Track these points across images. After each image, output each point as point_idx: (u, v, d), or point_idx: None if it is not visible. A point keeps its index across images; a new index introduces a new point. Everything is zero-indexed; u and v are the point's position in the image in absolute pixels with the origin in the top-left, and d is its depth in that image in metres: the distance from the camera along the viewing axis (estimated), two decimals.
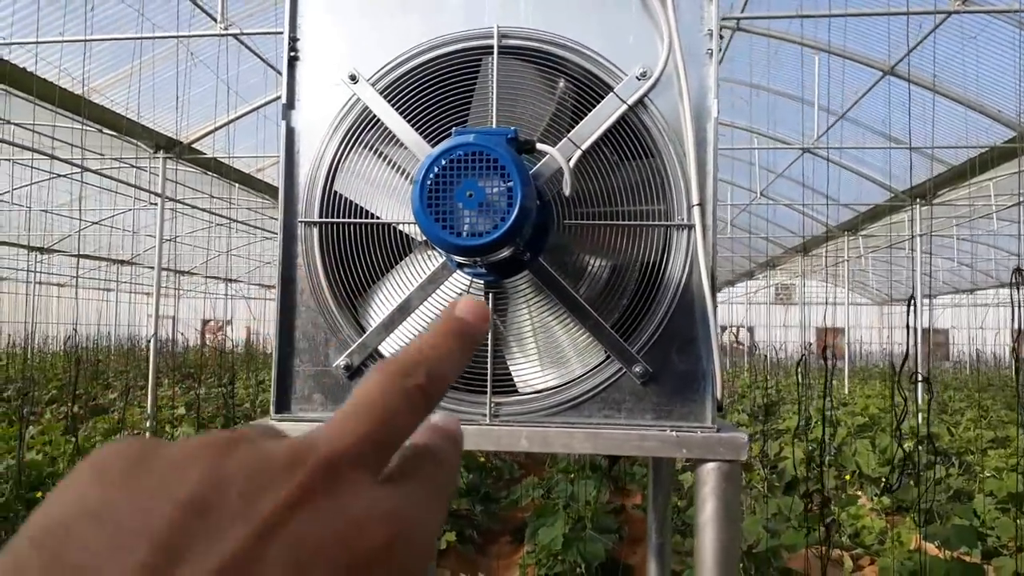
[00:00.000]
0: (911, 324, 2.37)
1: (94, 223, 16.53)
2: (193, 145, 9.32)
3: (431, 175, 1.08)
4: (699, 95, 1.30)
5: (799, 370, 4.44)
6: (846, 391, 14.75)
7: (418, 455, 0.33)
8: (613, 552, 4.85)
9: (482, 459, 7.18)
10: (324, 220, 1.35)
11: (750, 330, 30.82)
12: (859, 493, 6.90)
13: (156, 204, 9.00)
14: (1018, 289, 2.37)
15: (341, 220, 1.35)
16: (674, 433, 1.24)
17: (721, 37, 1.34)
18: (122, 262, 19.76)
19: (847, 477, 7.05)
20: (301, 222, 1.36)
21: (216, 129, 9.03)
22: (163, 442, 0.29)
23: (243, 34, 6.51)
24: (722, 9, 8.92)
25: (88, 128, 8.32)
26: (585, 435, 1.27)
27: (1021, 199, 10.37)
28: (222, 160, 9.93)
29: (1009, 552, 5.00)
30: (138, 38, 6.55)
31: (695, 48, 1.30)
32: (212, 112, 8.35)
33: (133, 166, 9.75)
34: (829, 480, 6.75)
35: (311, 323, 1.35)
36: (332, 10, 1.39)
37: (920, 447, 6.47)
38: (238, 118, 9.13)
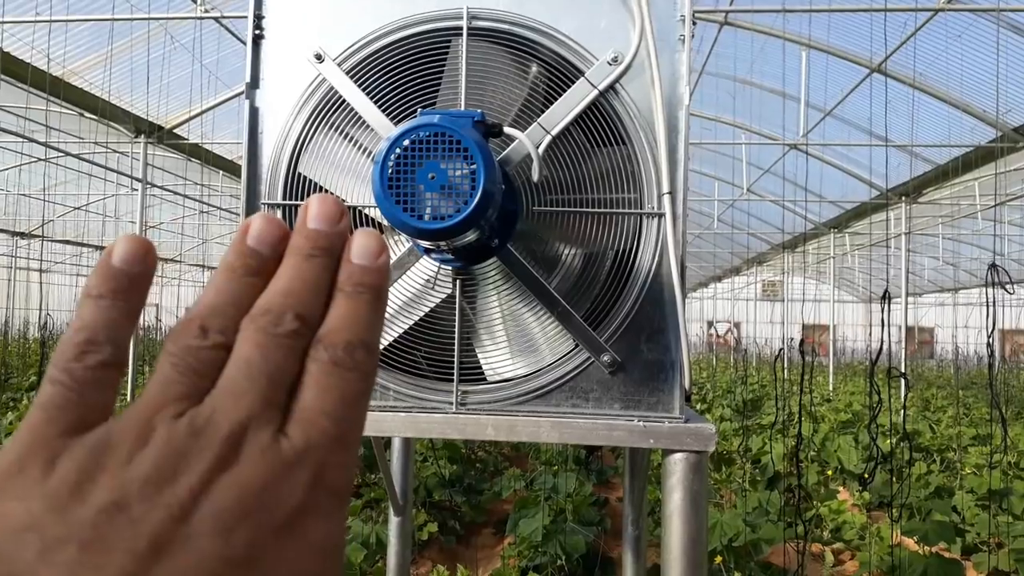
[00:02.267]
0: (885, 319, 2.36)
1: (75, 208, 16.37)
2: (174, 131, 9.22)
3: (392, 156, 1.05)
4: (671, 82, 1.28)
5: (777, 365, 4.43)
6: (830, 388, 14.82)
7: (312, 377, 0.32)
8: (595, 544, 4.85)
9: (465, 451, 7.16)
10: (288, 203, 1.32)
11: (736, 326, 30.94)
12: (841, 488, 6.93)
13: (137, 190, 8.90)
14: (994, 284, 2.37)
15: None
16: (641, 423, 1.22)
17: (694, 23, 1.31)
18: (103, 248, 19.55)
19: (829, 473, 7.08)
20: (264, 204, 1.32)
21: (197, 115, 8.94)
22: (69, 442, 0.30)
23: (224, 17, 6.42)
24: (709, 3, 8.91)
25: (67, 111, 8.22)
26: (552, 424, 1.25)
27: (999, 200, 10.44)
28: (203, 146, 9.83)
29: (988, 548, 5.03)
30: (116, 19, 6.45)
31: (668, 34, 1.28)
32: (193, 97, 8.26)
33: (114, 151, 9.63)
34: (812, 476, 6.78)
35: None
36: None
37: (903, 443, 6.50)
38: (219, 104, 9.04)
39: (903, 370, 13.06)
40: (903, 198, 11.98)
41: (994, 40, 7.93)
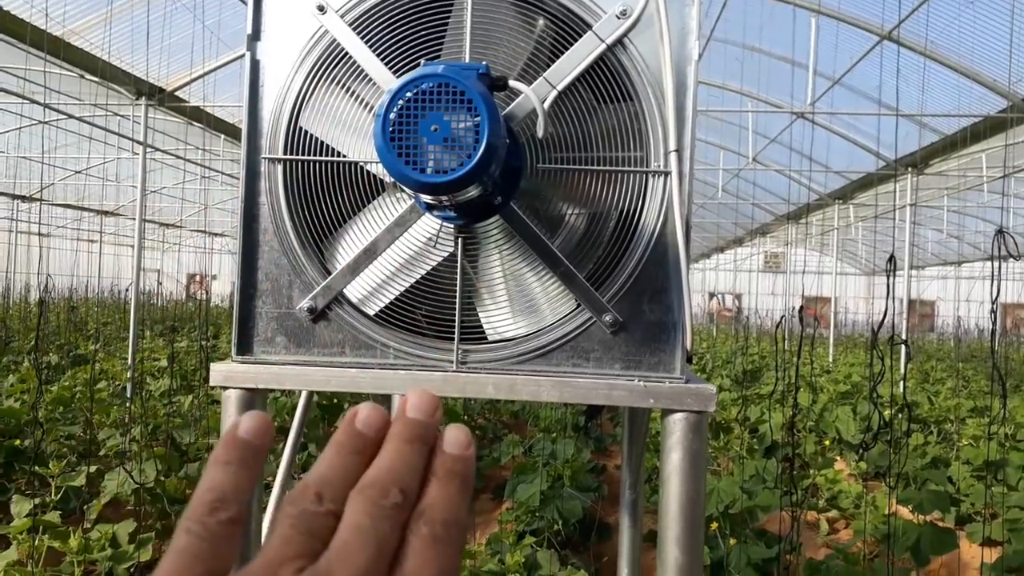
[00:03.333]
0: (891, 285, 2.35)
1: (75, 172, 16.30)
2: (176, 93, 9.14)
3: (395, 107, 1.03)
4: (680, 37, 1.25)
5: (778, 335, 4.43)
6: (831, 359, 14.85)
7: (413, 549, 0.38)
8: (592, 510, 4.88)
9: (465, 418, 7.20)
10: (288, 157, 1.30)
11: (738, 297, 30.94)
12: (838, 458, 6.97)
13: (138, 154, 8.85)
14: (999, 253, 2.35)
15: (306, 158, 1.31)
16: (642, 383, 1.22)
17: None
18: (105, 213, 19.54)
19: (827, 443, 7.11)
20: (265, 158, 1.31)
21: (199, 76, 8.85)
22: None
23: None
24: None
25: (67, 73, 8.15)
26: (552, 384, 1.24)
27: (1007, 171, 10.36)
28: (205, 109, 9.74)
29: (982, 518, 5.07)
30: None
31: None
32: (195, 59, 8.17)
33: (115, 113, 9.56)
34: (809, 445, 6.82)
35: (274, 264, 1.31)
36: None
37: (900, 414, 6.53)
38: (221, 66, 8.95)
39: (907, 342, 13.08)
40: (910, 169, 11.89)
41: (1007, 7, 7.81)
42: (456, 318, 1.30)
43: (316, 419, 6.40)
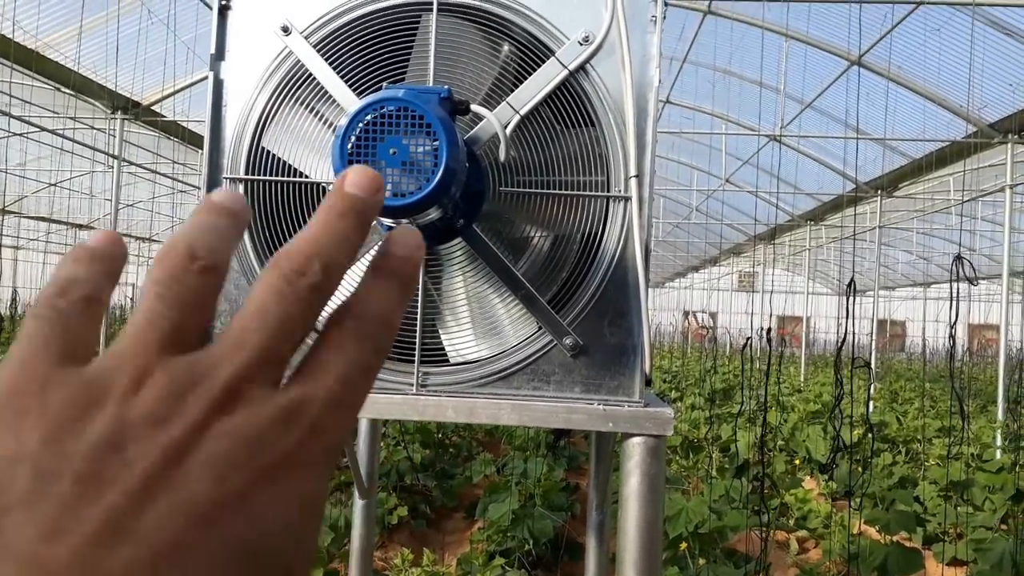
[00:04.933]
0: (850, 308, 2.39)
1: (49, 185, 16.10)
2: (151, 108, 9.07)
3: (353, 130, 1.03)
4: (642, 63, 1.27)
5: (746, 354, 4.46)
6: (802, 379, 14.98)
7: (328, 338, 0.33)
8: (564, 529, 4.87)
9: (439, 436, 7.17)
10: (250, 177, 1.30)
11: (712, 316, 31.16)
12: (808, 478, 7.02)
13: (112, 167, 8.76)
14: (959, 275, 2.40)
15: (268, 178, 1.30)
16: (601, 407, 1.22)
17: (666, 5, 1.30)
18: (79, 226, 19.30)
19: (797, 462, 7.16)
20: (226, 178, 1.30)
21: (174, 92, 8.80)
22: (60, 373, 0.30)
23: None
24: None
25: (42, 86, 8.07)
26: (512, 407, 1.24)
27: (971, 195, 10.56)
28: (182, 123, 9.69)
29: (950, 538, 5.12)
30: None
31: (639, 15, 1.27)
32: (174, 73, 8.13)
33: (90, 127, 9.47)
34: (780, 465, 6.86)
35: (233, 285, 1.30)
36: None
37: (869, 434, 6.59)
38: (197, 83, 8.90)
39: (872, 363, 13.25)
40: (879, 191, 12.08)
41: (973, 34, 8.00)
42: (417, 340, 1.29)
43: None
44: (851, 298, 2.48)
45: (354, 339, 0.33)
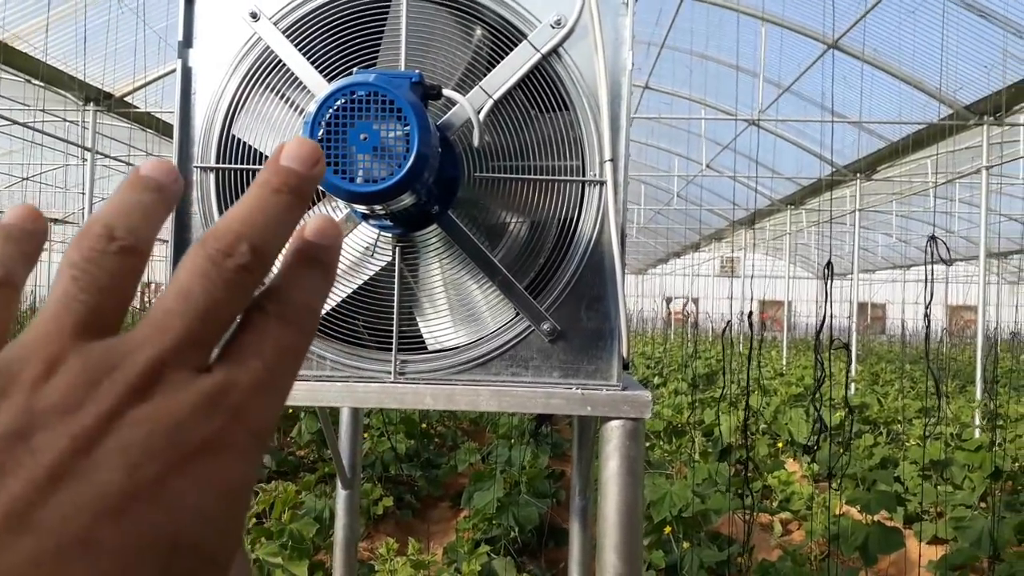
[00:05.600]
0: (829, 291, 2.40)
1: (21, 179, 15.89)
2: (124, 99, 8.95)
3: (323, 116, 1.02)
4: (614, 47, 1.26)
5: (731, 338, 4.49)
6: (784, 362, 15.10)
7: (252, 323, 0.31)
8: (548, 515, 4.89)
9: (424, 426, 7.17)
10: (221, 166, 1.28)
11: (694, 302, 31.31)
12: (791, 460, 7.08)
13: (87, 160, 8.65)
14: (933, 256, 2.42)
15: (239, 167, 1.29)
16: (579, 391, 1.22)
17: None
18: (53, 220, 19.07)
19: (780, 444, 7.23)
20: (197, 167, 1.28)
21: (146, 83, 8.68)
22: None
23: None
24: None
25: (12, 78, 7.93)
26: (491, 393, 1.24)
27: (948, 177, 10.65)
28: (154, 115, 9.57)
29: (930, 517, 5.19)
30: None
31: None
32: (146, 64, 8.02)
33: (63, 119, 9.34)
34: (762, 448, 6.92)
35: None
36: None
37: (850, 416, 6.66)
38: (170, 73, 8.79)
39: (853, 345, 13.37)
40: (857, 175, 12.16)
41: (947, 17, 8.06)
42: (394, 328, 1.29)
43: None
44: (829, 280, 2.50)
45: (279, 324, 0.32)
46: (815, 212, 16.87)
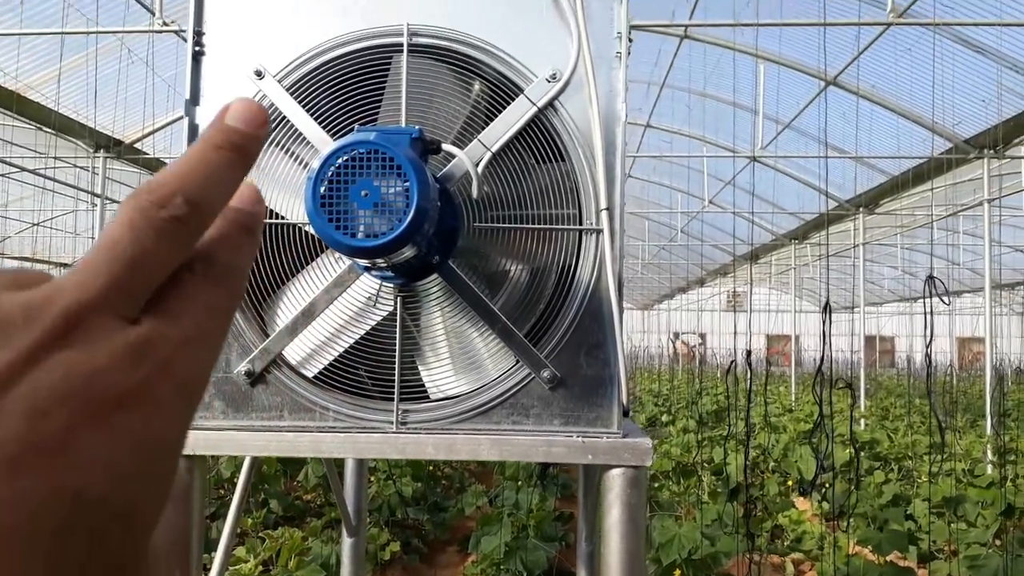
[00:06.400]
0: (827, 333, 2.41)
1: (32, 224, 16.04)
2: (134, 145, 9.09)
3: (325, 173, 1.04)
4: (608, 99, 1.29)
5: (733, 376, 4.48)
6: (792, 398, 15.00)
7: (182, 281, 0.31)
8: (556, 560, 4.84)
9: (431, 468, 7.12)
10: None
11: (702, 336, 31.21)
12: (801, 499, 7.00)
13: (96, 205, 8.75)
14: (932, 295, 2.43)
15: None
16: (580, 439, 1.23)
17: (630, 40, 1.33)
18: (63, 265, 19.22)
19: (789, 483, 7.15)
20: None
21: (155, 130, 8.82)
22: None
23: (181, 32, 6.33)
24: (666, 16, 9.04)
25: (24, 126, 8.07)
26: (492, 442, 1.25)
27: (945, 212, 10.67)
28: (163, 160, 9.70)
29: (944, 556, 5.11)
30: (73, 32, 6.36)
31: (605, 51, 1.29)
32: (155, 111, 8.16)
33: (73, 165, 9.46)
34: (772, 486, 6.85)
35: None
36: (239, 4, 1.35)
37: (861, 453, 6.59)
38: (178, 120, 8.94)
39: (861, 380, 13.29)
40: (860, 209, 12.20)
41: (942, 53, 8.15)
42: (396, 377, 1.30)
43: (276, 474, 6.29)
44: (827, 322, 2.50)
45: (208, 283, 0.31)
46: (819, 246, 16.89)
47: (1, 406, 0.25)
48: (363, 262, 1.20)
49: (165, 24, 6.29)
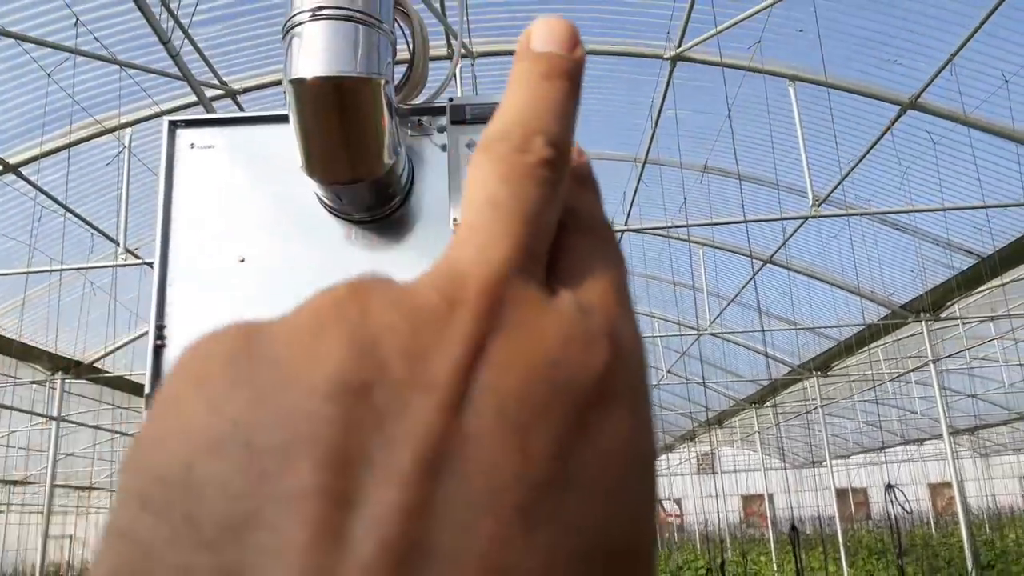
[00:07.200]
0: (798, 556, 2.48)
1: None
2: (93, 364, 9.12)
3: None
4: None
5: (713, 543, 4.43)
6: (775, 566, 14.64)
7: (584, 248, 0.23)
8: None
9: None
10: None
11: (678, 502, 30.65)
12: None
13: (50, 426, 8.63)
14: (892, 503, 2.53)
15: None
16: None
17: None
18: (15, 482, 18.48)
19: None
20: None
21: (115, 350, 8.90)
22: (261, 322, 0.20)
23: (145, 263, 6.53)
24: (612, 221, 9.63)
25: None
26: None
27: (893, 374, 11.07)
28: (126, 377, 9.71)
29: None
30: (37, 271, 6.57)
31: None
32: (117, 331, 8.28)
33: (32, 382, 9.41)
34: None
35: None
36: (202, 297, 1.41)
37: None
38: (137, 338, 9.06)
39: (840, 540, 13.11)
40: (814, 373, 12.56)
41: (866, 233, 8.79)
42: None
43: None
44: (796, 546, 2.58)
45: (590, 238, 0.24)
46: (780, 407, 17.16)
47: (467, 421, 0.18)
48: None
49: (129, 253, 6.52)
